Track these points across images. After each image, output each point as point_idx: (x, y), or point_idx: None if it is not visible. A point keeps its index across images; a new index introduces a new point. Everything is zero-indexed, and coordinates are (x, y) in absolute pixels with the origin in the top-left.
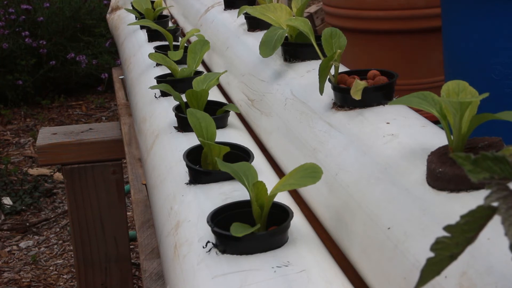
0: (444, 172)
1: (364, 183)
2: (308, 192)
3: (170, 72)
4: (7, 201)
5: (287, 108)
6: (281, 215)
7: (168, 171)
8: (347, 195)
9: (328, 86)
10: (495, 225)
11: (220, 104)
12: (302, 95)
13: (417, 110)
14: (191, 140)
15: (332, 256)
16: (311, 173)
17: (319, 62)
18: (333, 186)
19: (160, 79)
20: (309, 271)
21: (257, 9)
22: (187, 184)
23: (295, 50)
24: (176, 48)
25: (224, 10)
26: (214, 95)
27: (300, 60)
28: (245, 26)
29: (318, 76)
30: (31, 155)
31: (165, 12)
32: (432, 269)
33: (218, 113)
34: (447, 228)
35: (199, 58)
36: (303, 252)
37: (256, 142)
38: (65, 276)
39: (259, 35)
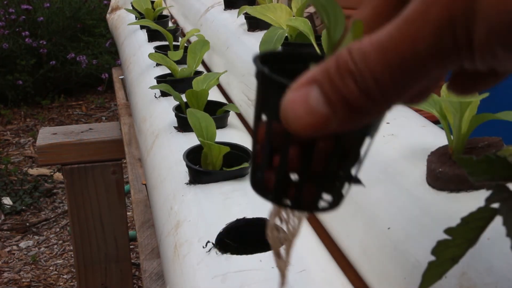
0: (444, 172)
1: (364, 183)
2: None
3: (170, 72)
4: (7, 201)
5: None
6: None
7: (168, 171)
8: (347, 195)
9: None
10: (495, 225)
11: (220, 104)
12: None
13: (417, 110)
14: (191, 140)
15: (332, 256)
16: None
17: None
18: None
19: (160, 79)
20: (309, 271)
21: (257, 9)
22: (187, 184)
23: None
24: (176, 48)
25: (224, 10)
26: (214, 95)
27: None
28: (245, 26)
29: None
30: (31, 155)
31: (165, 12)
32: (433, 272)
33: (218, 113)
34: (447, 231)
35: (199, 58)
36: (303, 252)
37: None
38: (65, 276)
39: (259, 35)
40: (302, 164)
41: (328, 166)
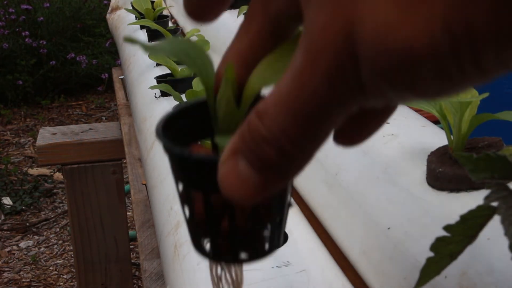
0: (444, 172)
1: (364, 183)
2: (308, 192)
3: (170, 72)
4: (7, 201)
5: None
6: None
7: (168, 171)
8: (347, 195)
9: None
10: (495, 224)
11: None
12: None
13: (417, 110)
14: None
15: (332, 256)
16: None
17: None
18: (333, 186)
19: (160, 79)
20: (309, 271)
21: None
22: None
23: None
24: None
25: None
26: None
27: None
28: None
29: None
30: (31, 155)
31: (165, 12)
32: (431, 268)
33: None
34: (446, 228)
35: None
36: (303, 252)
37: None
38: (65, 276)
39: None
40: (252, 222)
41: (273, 217)
